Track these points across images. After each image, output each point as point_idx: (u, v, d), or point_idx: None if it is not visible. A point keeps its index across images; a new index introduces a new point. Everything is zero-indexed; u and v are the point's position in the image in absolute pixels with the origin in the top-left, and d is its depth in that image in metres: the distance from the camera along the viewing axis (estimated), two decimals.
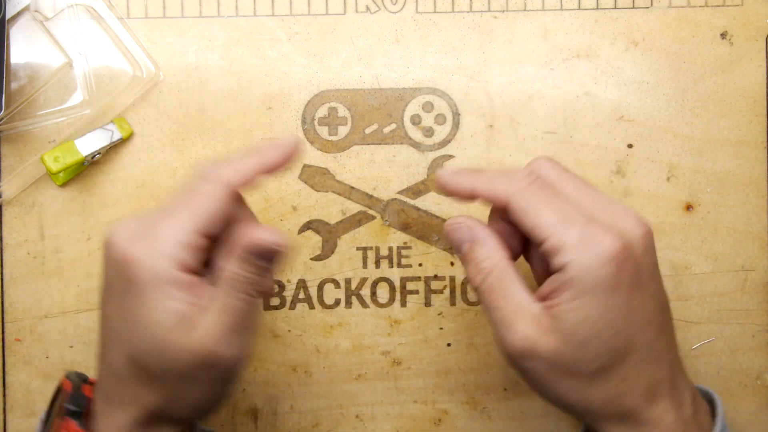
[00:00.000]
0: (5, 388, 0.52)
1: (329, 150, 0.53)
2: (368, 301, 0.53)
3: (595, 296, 0.38)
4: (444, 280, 0.53)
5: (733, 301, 0.53)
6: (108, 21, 0.52)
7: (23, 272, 0.52)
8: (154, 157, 0.52)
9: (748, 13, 0.53)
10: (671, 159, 0.53)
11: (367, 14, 0.53)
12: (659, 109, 0.53)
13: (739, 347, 0.53)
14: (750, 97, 0.53)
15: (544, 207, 0.39)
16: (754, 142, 0.53)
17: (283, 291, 0.53)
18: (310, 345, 0.53)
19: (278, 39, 0.52)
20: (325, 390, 0.53)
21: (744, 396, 0.53)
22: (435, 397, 0.53)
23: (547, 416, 0.53)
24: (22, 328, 0.52)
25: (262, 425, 0.53)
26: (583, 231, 0.38)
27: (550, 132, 0.53)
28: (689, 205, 0.53)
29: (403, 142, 0.53)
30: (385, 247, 0.53)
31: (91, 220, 0.52)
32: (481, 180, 0.41)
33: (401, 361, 0.53)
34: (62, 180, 0.52)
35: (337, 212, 0.53)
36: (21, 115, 0.51)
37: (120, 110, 0.52)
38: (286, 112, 0.52)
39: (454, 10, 0.52)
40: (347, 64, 0.52)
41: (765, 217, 0.53)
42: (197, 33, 0.52)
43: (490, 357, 0.53)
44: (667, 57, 0.53)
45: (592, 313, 0.38)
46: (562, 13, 0.53)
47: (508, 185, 0.40)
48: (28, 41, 0.51)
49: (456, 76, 0.53)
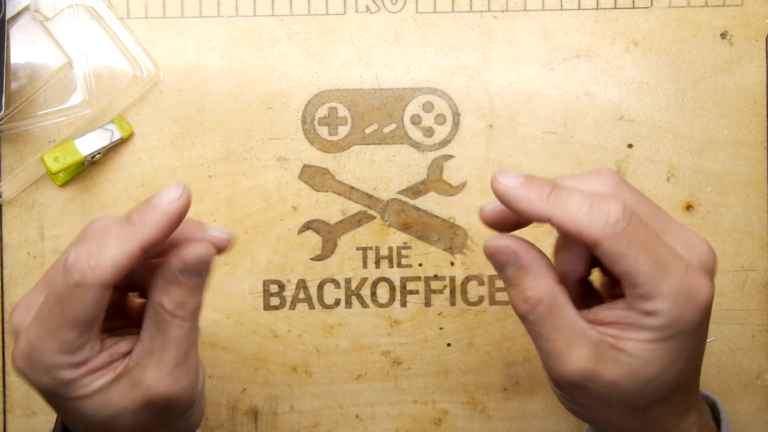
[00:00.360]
0: (5, 388, 0.52)
1: (329, 150, 0.53)
2: (368, 301, 0.53)
3: (676, 341, 0.36)
4: (444, 280, 0.53)
5: (733, 301, 0.53)
6: (108, 21, 0.52)
7: (23, 272, 0.52)
8: (154, 157, 0.52)
9: (748, 13, 0.53)
10: (671, 159, 0.53)
11: (367, 14, 0.53)
12: (659, 109, 0.53)
13: (739, 347, 0.53)
14: (750, 97, 0.53)
15: (641, 253, 0.34)
16: (754, 142, 0.53)
17: (283, 291, 0.53)
18: (310, 345, 0.53)
19: (278, 39, 0.52)
20: (325, 390, 0.53)
21: (744, 396, 0.53)
22: (435, 397, 0.53)
23: (547, 416, 0.53)
24: None
25: (262, 425, 0.53)
26: (682, 282, 0.35)
27: (550, 132, 0.53)
28: (689, 205, 0.53)
29: (403, 142, 0.53)
30: (385, 247, 0.53)
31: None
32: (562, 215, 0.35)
33: (401, 361, 0.53)
34: (62, 180, 0.52)
35: (337, 212, 0.53)
36: (21, 115, 0.51)
37: (120, 110, 0.52)
38: (286, 112, 0.52)
39: (454, 10, 0.52)
40: (347, 64, 0.52)
41: (765, 217, 0.53)
42: (197, 33, 0.52)
43: (490, 357, 0.53)
44: (667, 57, 0.53)
45: (668, 356, 0.36)
46: (562, 13, 0.53)
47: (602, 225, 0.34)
48: (28, 41, 0.51)
49: (456, 76, 0.53)
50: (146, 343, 0.36)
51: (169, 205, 0.35)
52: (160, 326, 0.36)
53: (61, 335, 0.35)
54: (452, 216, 0.53)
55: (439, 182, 0.53)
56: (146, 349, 0.36)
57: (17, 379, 0.52)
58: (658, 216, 0.37)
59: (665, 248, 0.35)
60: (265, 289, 0.53)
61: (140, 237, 0.34)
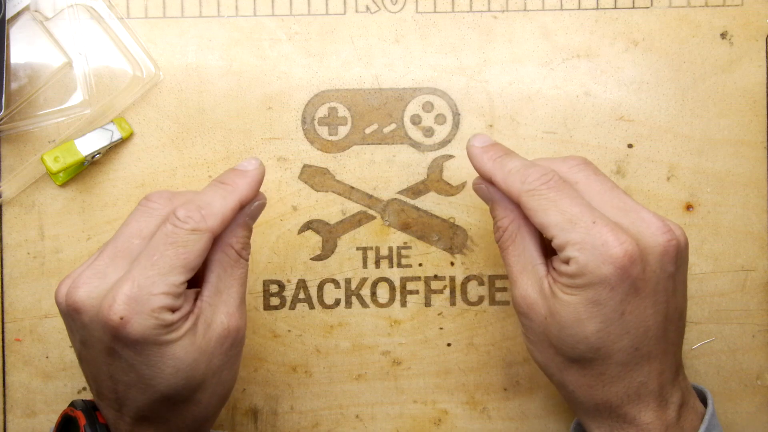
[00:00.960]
0: (5, 388, 0.52)
1: (329, 150, 0.53)
2: (368, 301, 0.53)
3: (590, 292, 0.39)
4: (444, 280, 0.53)
5: (733, 301, 0.53)
6: (108, 21, 0.52)
7: (23, 272, 0.52)
8: (154, 157, 0.52)
9: (748, 13, 0.53)
10: (671, 159, 0.53)
11: (367, 14, 0.53)
12: (659, 109, 0.53)
13: (739, 347, 0.53)
14: (750, 97, 0.53)
15: (552, 207, 0.40)
16: (754, 142, 0.53)
17: (283, 291, 0.53)
18: (310, 345, 0.53)
19: (278, 39, 0.52)
20: (325, 390, 0.53)
21: (744, 396, 0.53)
22: (435, 397, 0.53)
23: (547, 416, 0.53)
24: (22, 328, 0.52)
25: (262, 425, 0.53)
26: (587, 231, 0.39)
27: (550, 132, 0.53)
28: (689, 205, 0.53)
29: (403, 142, 0.53)
30: (385, 247, 0.53)
31: (91, 220, 0.52)
32: (498, 173, 0.43)
33: (401, 361, 0.53)
34: (62, 180, 0.52)
35: (337, 212, 0.53)
36: (21, 115, 0.51)
37: (120, 110, 0.52)
38: (286, 112, 0.52)
39: (454, 10, 0.52)
40: (347, 64, 0.52)
41: (765, 217, 0.53)
42: (197, 33, 0.52)
43: (490, 357, 0.53)
44: (667, 57, 0.53)
45: (583, 305, 0.40)
46: (562, 13, 0.53)
47: (521, 184, 0.42)
48: (28, 41, 0.51)
49: (456, 76, 0.53)
50: (214, 284, 0.41)
51: (254, 170, 0.43)
52: (228, 267, 0.42)
53: (172, 278, 0.39)
54: (452, 216, 0.53)
55: (439, 182, 0.53)
56: (215, 290, 0.41)
57: (17, 379, 0.52)
58: (606, 192, 0.42)
59: (578, 208, 0.40)
60: (265, 289, 0.53)
61: (237, 195, 0.42)
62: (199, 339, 0.40)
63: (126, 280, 0.39)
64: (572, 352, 0.41)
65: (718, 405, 0.53)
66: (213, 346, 0.41)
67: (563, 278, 0.40)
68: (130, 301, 0.38)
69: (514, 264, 0.43)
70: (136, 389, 0.40)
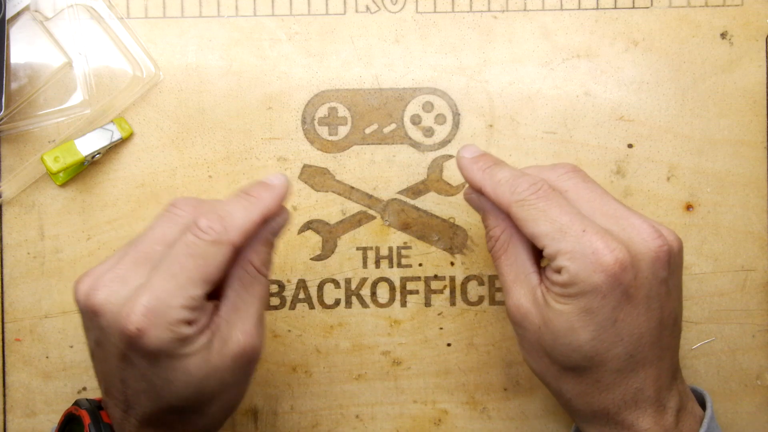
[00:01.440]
0: (5, 388, 0.52)
1: (329, 150, 0.53)
2: (368, 301, 0.53)
3: (582, 300, 0.39)
4: (444, 280, 0.53)
5: (733, 301, 0.53)
6: (108, 21, 0.52)
7: (23, 272, 0.52)
8: (154, 157, 0.52)
9: (748, 13, 0.53)
10: (671, 159, 0.53)
11: (367, 14, 0.53)
12: (659, 109, 0.53)
13: (739, 347, 0.53)
14: (750, 97, 0.53)
15: (541, 217, 0.40)
16: (754, 142, 0.53)
17: (283, 291, 0.53)
18: (310, 345, 0.53)
19: (278, 39, 0.52)
20: (325, 390, 0.53)
21: (744, 396, 0.53)
22: (435, 397, 0.53)
23: (547, 416, 0.53)
24: (22, 328, 0.52)
25: (262, 425, 0.53)
26: (578, 240, 0.39)
27: (550, 132, 0.53)
28: (689, 205, 0.53)
29: (403, 142, 0.53)
30: (385, 247, 0.53)
31: (91, 220, 0.52)
32: (488, 184, 0.43)
33: (401, 361, 0.53)
34: (62, 180, 0.52)
35: (337, 212, 0.53)
36: (21, 115, 0.51)
37: (120, 110, 0.52)
38: (286, 112, 0.52)
39: (454, 10, 0.52)
40: (347, 64, 0.52)
41: (765, 217, 0.53)
42: (197, 33, 0.52)
43: (490, 357, 0.53)
44: (667, 57, 0.53)
45: (575, 314, 0.40)
46: (562, 13, 0.53)
47: (510, 195, 0.42)
48: (28, 41, 0.51)
49: (456, 76, 0.53)
50: (232, 300, 0.41)
51: (279, 185, 0.42)
52: (247, 283, 0.41)
53: (190, 290, 0.38)
54: (452, 216, 0.53)
55: (439, 182, 0.53)
56: (233, 306, 0.41)
57: (17, 379, 0.52)
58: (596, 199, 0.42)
59: (568, 216, 0.40)
60: None
61: (261, 208, 0.41)
62: (213, 356, 0.39)
63: (145, 290, 0.38)
64: (567, 361, 0.41)
65: (717, 405, 0.53)
66: (227, 363, 0.40)
67: (555, 287, 0.40)
68: (148, 313, 0.38)
69: (507, 273, 0.43)
70: (145, 396, 0.40)
